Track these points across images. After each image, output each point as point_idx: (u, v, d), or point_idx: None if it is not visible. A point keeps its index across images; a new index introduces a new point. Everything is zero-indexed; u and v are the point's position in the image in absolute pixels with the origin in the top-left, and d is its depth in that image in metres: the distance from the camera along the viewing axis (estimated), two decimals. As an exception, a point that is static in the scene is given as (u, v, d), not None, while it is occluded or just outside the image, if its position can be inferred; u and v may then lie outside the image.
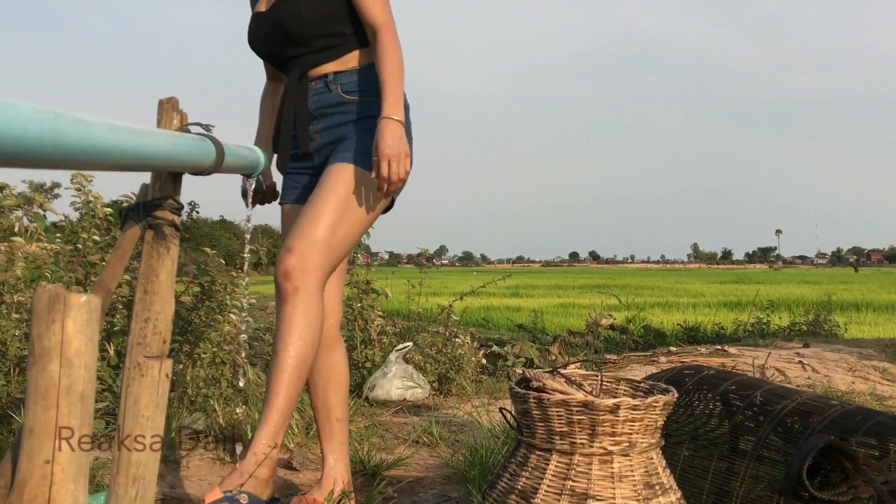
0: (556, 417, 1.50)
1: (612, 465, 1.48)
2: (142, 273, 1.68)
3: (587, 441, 1.48)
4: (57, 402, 1.17)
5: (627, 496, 1.48)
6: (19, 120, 0.88)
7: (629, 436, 1.49)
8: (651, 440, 1.53)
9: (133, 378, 1.66)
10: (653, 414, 1.51)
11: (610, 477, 1.48)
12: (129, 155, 1.21)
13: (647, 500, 1.49)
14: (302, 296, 2.39)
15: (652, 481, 1.52)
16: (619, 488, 1.48)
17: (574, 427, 1.48)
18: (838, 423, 1.94)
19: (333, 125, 2.57)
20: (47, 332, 1.16)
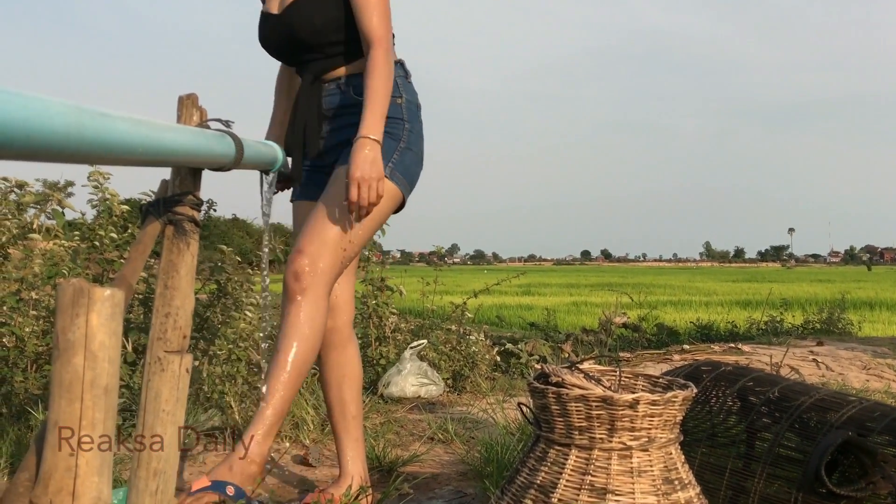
0: (576, 412, 1.50)
1: (632, 460, 1.48)
2: (162, 268, 1.69)
3: (606, 436, 1.48)
4: (81, 396, 1.17)
5: (646, 491, 1.48)
6: (47, 113, 0.89)
7: (648, 431, 1.49)
8: (670, 435, 1.53)
9: (154, 373, 1.67)
10: (672, 409, 1.51)
11: (629, 472, 1.48)
12: (151, 150, 1.22)
13: (666, 494, 1.49)
14: (309, 297, 2.41)
15: (671, 476, 1.51)
16: (638, 483, 1.47)
17: (593, 422, 1.48)
18: (856, 419, 1.93)
19: (344, 125, 2.57)
20: (72, 326, 1.17)
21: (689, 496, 1.54)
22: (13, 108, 0.82)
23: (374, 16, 2.41)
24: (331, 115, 2.60)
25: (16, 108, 0.83)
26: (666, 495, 1.49)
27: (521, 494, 1.59)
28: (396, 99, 2.53)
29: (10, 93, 0.84)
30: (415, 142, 2.57)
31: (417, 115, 2.60)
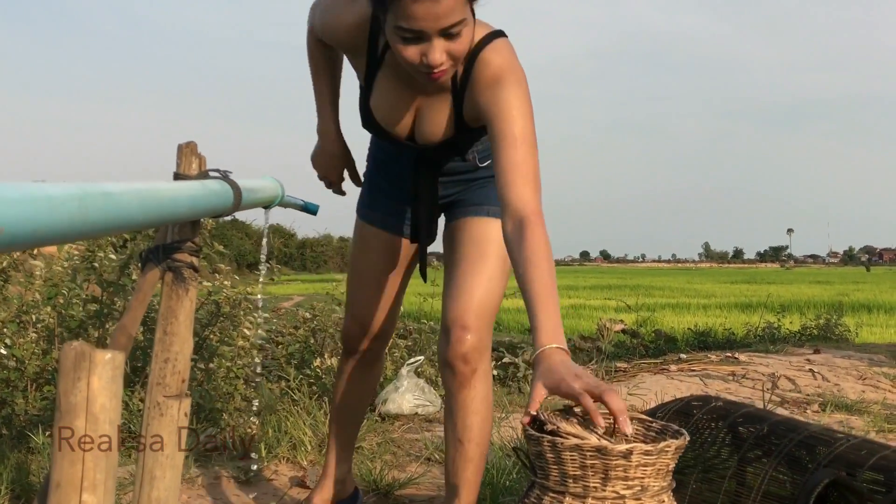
0: (570, 461, 1.51)
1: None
2: (161, 314, 1.72)
3: (600, 485, 1.49)
4: (83, 458, 1.21)
5: None
6: (50, 205, 0.92)
7: (641, 480, 1.50)
8: (663, 483, 1.54)
9: (153, 417, 1.71)
10: (665, 459, 1.52)
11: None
12: (152, 216, 1.25)
13: None
14: (481, 377, 2.27)
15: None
16: None
17: (587, 471, 1.49)
18: (844, 457, 1.97)
19: (461, 181, 2.45)
20: (73, 389, 1.20)
21: None
22: (18, 208, 0.85)
23: (535, 187, 2.00)
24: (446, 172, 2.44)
25: (21, 207, 0.86)
26: None
27: None
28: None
29: (14, 189, 0.87)
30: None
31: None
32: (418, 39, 1.91)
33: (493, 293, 2.29)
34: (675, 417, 2.24)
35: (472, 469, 2.30)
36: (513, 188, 1.97)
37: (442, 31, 1.89)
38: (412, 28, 1.88)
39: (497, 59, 2.08)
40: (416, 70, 1.98)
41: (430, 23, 1.87)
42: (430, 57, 1.92)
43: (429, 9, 1.84)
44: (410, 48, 1.93)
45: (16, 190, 0.87)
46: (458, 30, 1.91)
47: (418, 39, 1.91)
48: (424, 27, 1.88)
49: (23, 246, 0.89)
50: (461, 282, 2.30)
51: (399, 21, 1.88)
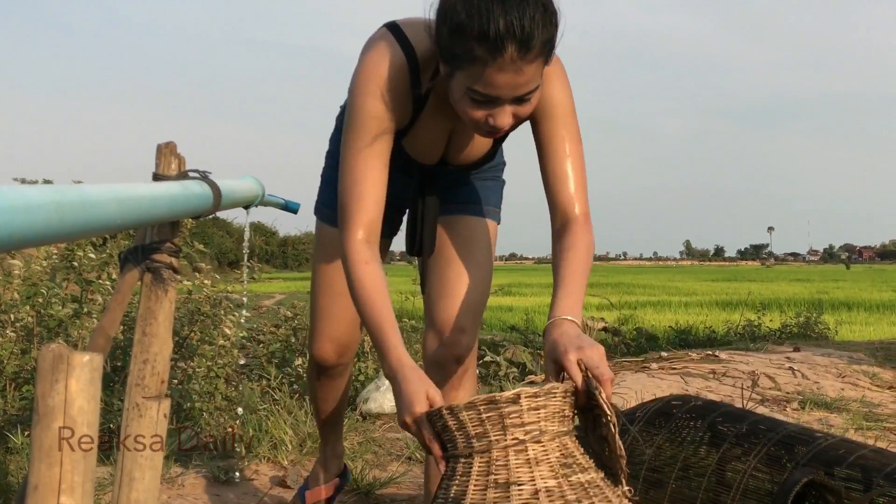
0: (469, 421, 1.59)
1: (528, 452, 1.58)
2: (140, 315, 1.72)
3: (501, 436, 1.58)
4: (61, 460, 1.20)
5: (546, 476, 1.57)
6: (27, 208, 0.92)
7: (537, 423, 1.59)
8: (561, 427, 1.63)
9: (132, 419, 1.70)
10: (555, 401, 1.61)
11: (527, 463, 1.58)
12: (131, 218, 1.25)
13: (566, 476, 1.58)
14: (470, 377, 2.30)
15: (569, 462, 1.61)
16: (537, 471, 1.57)
17: (486, 425, 1.58)
18: (822, 456, 1.98)
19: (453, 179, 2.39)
20: (51, 392, 1.20)
21: (591, 477, 1.62)
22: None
23: (584, 187, 2.03)
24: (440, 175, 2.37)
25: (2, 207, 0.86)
26: (566, 477, 1.59)
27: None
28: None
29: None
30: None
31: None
32: (490, 104, 1.84)
33: (483, 294, 2.30)
34: (656, 416, 2.26)
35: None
36: (563, 189, 1.98)
37: (514, 99, 1.83)
38: (488, 94, 1.81)
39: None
40: (476, 126, 1.91)
41: (507, 91, 1.81)
42: (499, 121, 1.86)
43: (511, 80, 1.78)
44: (479, 110, 1.85)
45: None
46: (531, 97, 1.86)
47: (490, 104, 1.84)
48: (501, 94, 1.81)
49: (5, 248, 0.89)
50: (453, 282, 2.28)
51: (474, 84, 1.80)
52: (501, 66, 1.74)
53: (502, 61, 1.73)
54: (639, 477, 2.18)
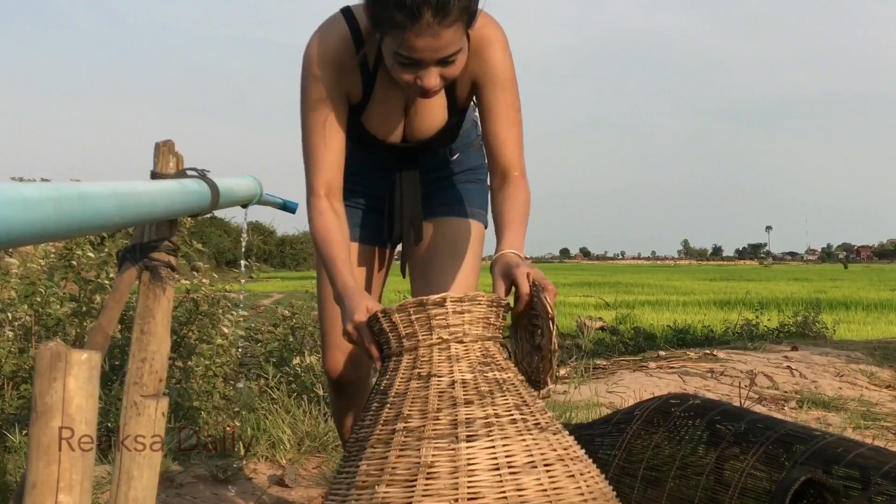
0: (401, 322, 1.78)
1: (450, 350, 1.77)
2: (138, 314, 1.72)
3: (427, 335, 1.77)
4: (59, 458, 1.20)
5: (464, 370, 1.75)
6: (25, 205, 0.91)
7: (461, 326, 1.78)
8: (485, 332, 1.81)
9: (130, 417, 1.70)
10: (479, 308, 1.79)
11: (448, 359, 1.76)
12: (129, 216, 1.25)
13: (482, 371, 1.76)
14: None
15: (487, 361, 1.78)
16: (456, 366, 1.75)
17: (415, 326, 1.77)
18: (820, 454, 1.98)
19: (436, 178, 2.49)
20: (49, 390, 1.20)
21: (507, 376, 1.79)
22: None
23: (521, 149, 2.21)
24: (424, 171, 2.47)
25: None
26: (482, 372, 1.76)
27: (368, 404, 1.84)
28: (477, 142, 2.49)
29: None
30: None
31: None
32: (415, 66, 1.98)
33: (467, 290, 2.28)
34: (654, 415, 2.26)
35: None
36: (506, 152, 2.18)
37: (439, 61, 1.97)
38: (411, 56, 1.95)
39: (480, 28, 2.11)
40: (409, 88, 2.05)
41: (428, 54, 1.94)
42: (425, 82, 2.00)
43: (430, 43, 1.92)
44: (407, 73, 2.00)
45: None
46: (454, 58, 1.98)
47: (415, 66, 1.98)
48: (423, 57, 1.95)
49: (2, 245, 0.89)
50: (436, 280, 2.36)
51: (398, 48, 1.94)
52: (420, 31, 1.89)
53: (419, 27, 1.88)
54: (637, 475, 2.18)
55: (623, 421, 2.32)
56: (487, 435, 1.68)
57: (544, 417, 1.78)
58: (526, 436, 1.70)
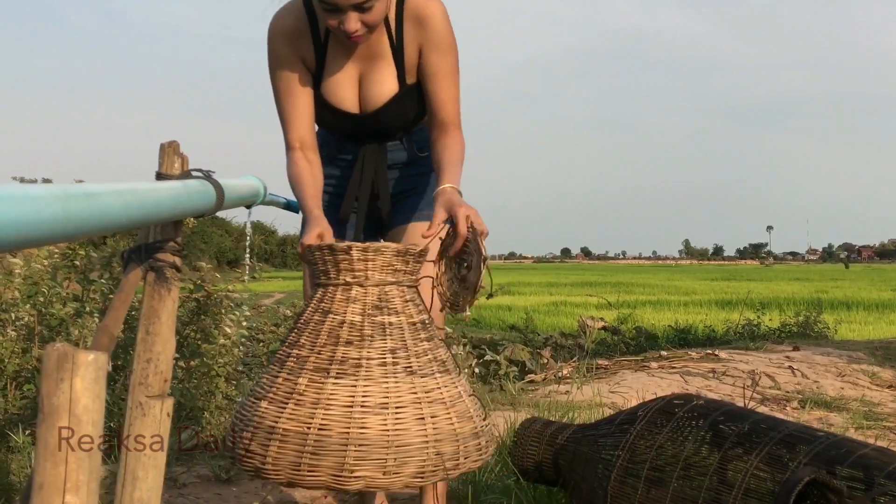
0: (319, 259, 2.00)
1: (350, 291, 1.97)
2: (143, 314, 1.72)
3: (335, 276, 1.98)
4: (66, 459, 1.20)
5: (356, 312, 1.95)
6: (35, 208, 0.92)
7: (364, 272, 1.98)
8: (387, 278, 2.00)
9: (135, 417, 1.70)
10: (384, 257, 1.98)
11: (346, 300, 1.96)
12: (135, 217, 1.25)
13: (371, 315, 1.96)
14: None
15: (382, 305, 1.98)
16: (350, 307, 1.96)
17: (328, 266, 1.99)
18: (824, 455, 1.98)
19: (409, 175, 2.70)
20: (56, 391, 1.20)
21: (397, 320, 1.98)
22: (4, 209, 0.85)
23: (458, 106, 2.49)
24: (395, 168, 2.69)
25: (7, 209, 0.86)
26: (371, 316, 1.95)
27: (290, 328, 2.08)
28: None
29: (1, 193, 0.86)
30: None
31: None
32: (336, 11, 2.28)
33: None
34: (658, 415, 2.26)
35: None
36: (446, 109, 2.46)
37: (354, 7, 2.26)
38: (329, 2, 2.26)
39: (424, 2, 2.42)
40: (337, 33, 2.34)
41: (343, 1, 2.24)
42: (346, 26, 2.29)
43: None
44: (331, 19, 2.30)
45: (3, 196, 0.86)
46: (369, 5, 2.27)
47: (336, 11, 2.28)
48: (339, 3, 2.25)
49: (6, 248, 0.89)
50: None
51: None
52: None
53: None
54: (641, 476, 2.18)
55: (627, 421, 2.32)
56: (354, 375, 1.89)
57: (419, 361, 1.98)
58: (389, 379, 1.91)
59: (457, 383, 2.02)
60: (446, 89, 2.47)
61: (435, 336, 2.05)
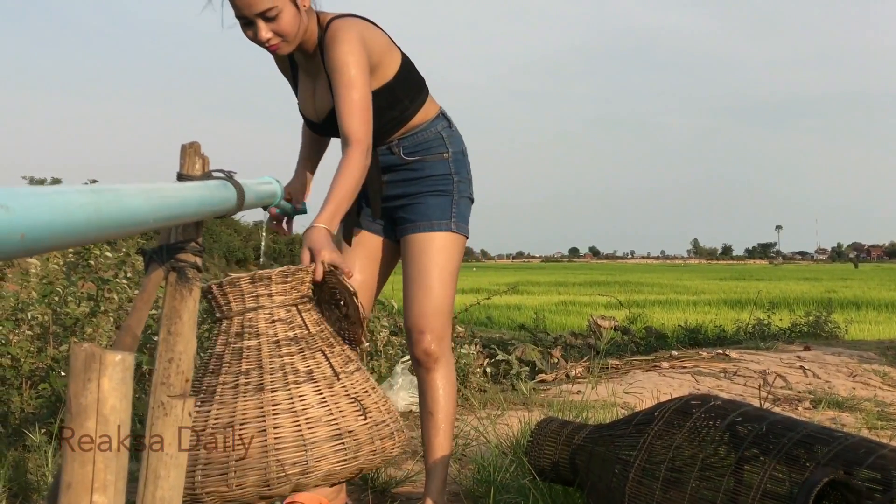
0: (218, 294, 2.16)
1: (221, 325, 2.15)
2: (165, 314, 1.72)
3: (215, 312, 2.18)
4: (94, 458, 1.21)
5: (221, 343, 2.13)
6: (68, 210, 0.92)
7: (227, 305, 2.15)
8: (248, 305, 2.16)
9: (157, 417, 1.71)
10: (237, 289, 2.15)
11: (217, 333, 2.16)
12: (162, 217, 1.26)
13: (232, 343, 2.12)
14: (443, 362, 2.80)
15: (242, 331, 2.14)
16: (219, 339, 2.14)
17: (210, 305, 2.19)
18: (842, 455, 1.98)
19: (399, 179, 2.84)
20: (84, 391, 1.21)
21: (256, 342, 2.12)
22: (38, 214, 0.86)
23: (355, 118, 2.52)
24: (386, 170, 2.84)
25: (40, 212, 0.86)
26: (231, 344, 2.13)
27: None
28: (443, 154, 2.83)
29: (37, 195, 0.87)
30: (465, 188, 2.89)
31: (465, 162, 2.91)
32: (250, 23, 2.48)
33: (438, 299, 2.77)
34: (675, 416, 2.26)
35: (443, 435, 2.82)
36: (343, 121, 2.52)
37: (260, 15, 2.44)
38: (239, 15, 2.47)
39: (332, 28, 2.58)
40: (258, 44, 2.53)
41: (247, 10, 2.44)
42: (259, 35, 2.48)
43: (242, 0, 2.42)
44: (248, 31, 2.50)
45: (34, 196, 0.87)
46: (273, 13, 2.44)
47: (250, 23, 2.48)
48: (245, 14, 2.45)
49: (41, 250, 0.90)
50: (410, 295, 2.80)
51: (234, 12, 2.47)
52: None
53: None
54: (658, 476, 2.18)
55: (644, 422, 2.33)
56: (210, 400, 2.08)
57: (273, 377, 2.10)
58: (239, 398, 2.07)
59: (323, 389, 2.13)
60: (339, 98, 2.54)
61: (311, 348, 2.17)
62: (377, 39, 2.66)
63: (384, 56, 2.68)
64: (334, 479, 2.13)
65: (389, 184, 2.86)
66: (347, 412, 2.13)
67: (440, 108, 2.88)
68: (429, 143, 2.82)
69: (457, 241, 2.83)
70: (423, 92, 2.81)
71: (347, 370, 2.20)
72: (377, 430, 2.16)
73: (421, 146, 2.81)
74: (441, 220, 2.80)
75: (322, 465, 2.06)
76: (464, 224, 2.86)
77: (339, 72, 2.54)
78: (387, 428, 2.19)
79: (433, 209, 2.80)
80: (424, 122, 2.81)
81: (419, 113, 2.79)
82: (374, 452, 2.14)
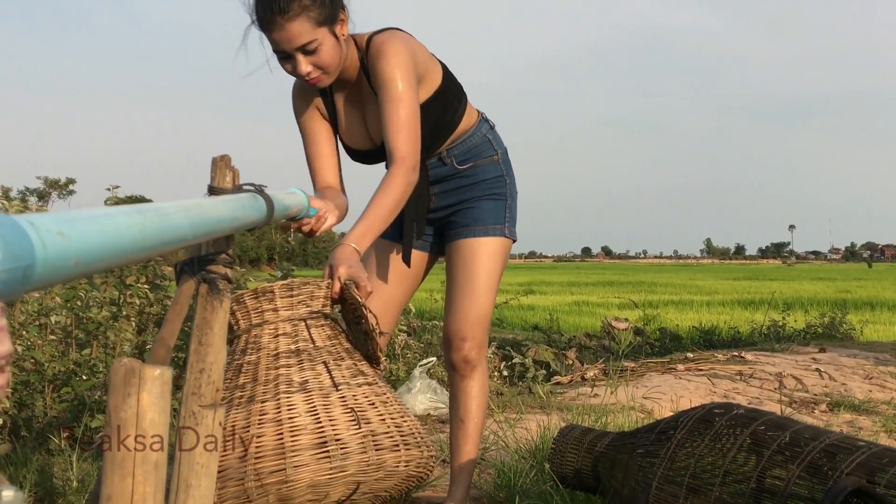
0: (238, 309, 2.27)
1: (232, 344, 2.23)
2: (196, 325, 1.74)
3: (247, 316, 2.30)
4: (133, 471, 1.23)
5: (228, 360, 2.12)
6: (118, 231, 0.94)
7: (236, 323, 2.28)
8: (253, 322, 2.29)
9: (188, 427, 1.73)
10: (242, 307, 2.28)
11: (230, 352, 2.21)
12: (200, 232, 1.28)
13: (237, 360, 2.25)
14: (479, 370, 2.79)
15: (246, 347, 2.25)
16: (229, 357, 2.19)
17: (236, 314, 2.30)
18: (866, 465, 1.99)
19: (452, 189, 2.82)
20: (123, 405, 1.23)
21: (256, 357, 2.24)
22: (90, 238, 0.87)
23: (402, 134, 2.49)
24: (435, 181, 2.81)
25: (92, 237, 0.88)
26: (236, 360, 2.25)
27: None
28: (493, 157, 2.82)
29: (88, 220, 0.89)
30: (514, 189, 2.88)
31: (509, 162, 2.89)
32: (286, 58, 2.44)
33: (483, 307, 2.76)
34: (698, 424, 2.27)
35: (472, 443, 2.81)
36: (388, 137, 2.49)
37: (299, 49, 2.40)
38: (278, 49, 2.43)
39: (375, 44, 2.55)
40: (299, 78, 2.51)
41: (286, 45, 2.39)
42: (299, 69, 2.44)
43: (281, 35, 2.38)
44: (286, 64, 2.46)
45: (87, 220, 0.89)
46: (313, 47, 2.40)
47: (286, 58, 2.44)
48: (285, 48, 2.40)
49: (91, 272, 0.92)
50: (456, 300, 2.77)
51: (272, 46, 2.43)
52: (272, 28, 2.37)
53: (272, 25, 2.37)
54: (682, 484, 2.20)
55: (667, 430, 2.34)
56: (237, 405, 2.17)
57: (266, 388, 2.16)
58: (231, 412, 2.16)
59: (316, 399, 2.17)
60: (388, 114, 2.50)
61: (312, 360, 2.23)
62: (420, 49, 2.63)
63: (429, 63, 2.65)
64: (325, 492, 2.10)
65: (440, 195, 2.82)
66: (340, 421, 2.14)
67: (480, 112, 2.86)
68: (478, 147, 2.79)
69: (506, 247, 2.83)
70: (465, 95, 2.79)
71: (352, 383, 2.21)
72: (373, 440, 2.13)
73: (471, 152, 2.79)
74: (495, 224, 2.79)
75: (303, 473, 2.06)
76: (514, 227, 2.86)
77: (385, 87, 2.50)
78: (388, 440, 2.17)
79: (487, 213, 2.79)
80: (471, 128, 2.78)
81: (465, 117, 2.77)
82: (368, 463, 2.11)
